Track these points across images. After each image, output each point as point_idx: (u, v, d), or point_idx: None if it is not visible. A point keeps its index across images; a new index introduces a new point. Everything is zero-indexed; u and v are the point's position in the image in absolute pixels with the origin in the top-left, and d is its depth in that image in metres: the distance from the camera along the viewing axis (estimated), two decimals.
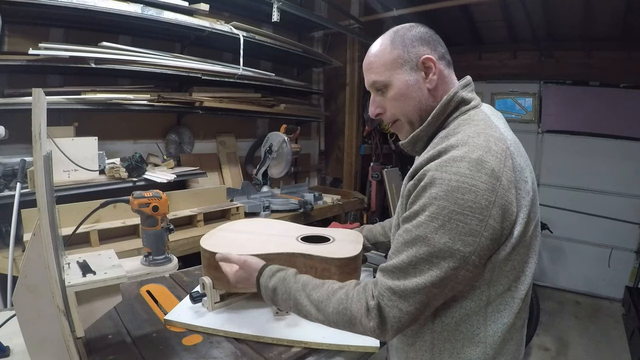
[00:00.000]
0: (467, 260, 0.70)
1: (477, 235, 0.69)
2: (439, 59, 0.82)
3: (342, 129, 3.57)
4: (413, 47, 0.82)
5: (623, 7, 3.15)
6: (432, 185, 0.71)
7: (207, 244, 1.12)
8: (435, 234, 0.70)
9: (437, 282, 0.70)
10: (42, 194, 0.68)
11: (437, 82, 0.82)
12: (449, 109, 0.81)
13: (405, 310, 0.72)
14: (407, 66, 0.82)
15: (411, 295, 0.72)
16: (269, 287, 0.89)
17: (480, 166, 0.69)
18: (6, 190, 1.55)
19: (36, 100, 0.70)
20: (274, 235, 1.28)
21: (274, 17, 2.40)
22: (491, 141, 0.73)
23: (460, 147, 0.72)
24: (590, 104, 3.80)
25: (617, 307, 3.64)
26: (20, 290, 0.75)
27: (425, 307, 0.73)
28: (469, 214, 0.69)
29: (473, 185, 0.69)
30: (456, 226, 0.69)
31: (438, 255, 0.70)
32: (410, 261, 0.72)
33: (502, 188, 0.70)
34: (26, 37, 1.79)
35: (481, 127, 0.76)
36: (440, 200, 0.70)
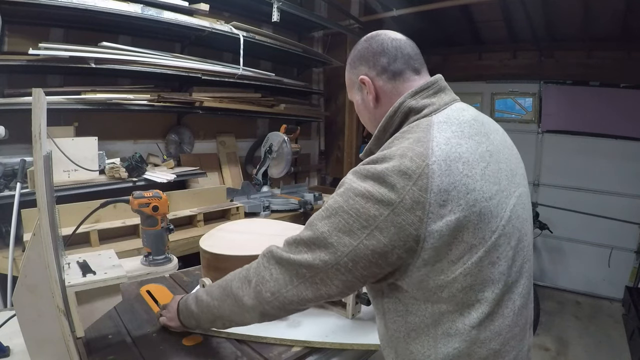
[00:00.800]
0: (339, 260, 0.70)
1: (355, 238, 0.69)
2: (377, 75, 0.81)
3: (342, 129, 3.57)
4: (355, 68, 0.85)
5: (623, 7, 3.15)
6: (341, 185, 0.75)
7: (207, 244, 1.12)
8: (320, 221, 0.73)
9: (306, 265, 0.73)
10: (42, 194, 0.68)
11: (375, 99, 0.83)
12: (396, 121, 0.79)
13: (275, 275, 0.76)
14: (355, 87, 0.86)
15: (284, 265, 0.76)
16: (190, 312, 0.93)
17: (382, 180, 0.68)
18: (6, 190, 1.55)
19: (36, 100, 0.70)
20: (273, 235, 1.29)
21: (274, 17, 2.40)
22: (407, 157, 0.68)
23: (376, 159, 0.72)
24: (590, 104, 3.80)
25: (617, 307, 3.64)
26: (20, 290, 0.75)
27: (291, 285, 0.75)
28: (353, 215, 0.69)
29: (368, 192, 0.69)
30: (338, 221, 0.71)
31: (315, 242, 0.73)
32: (295, 240, 0.76)
33: (402, 206, 0.66)
34: (26, 37, 1.79)
35: (408, 142, 0.71)
36: (336, 196, 0.74)
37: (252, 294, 0.79)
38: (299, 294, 0.75)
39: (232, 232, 1.28)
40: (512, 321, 0.74)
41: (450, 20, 3.80)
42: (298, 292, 0.75)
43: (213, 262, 1.07)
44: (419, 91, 0.78)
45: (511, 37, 3.97)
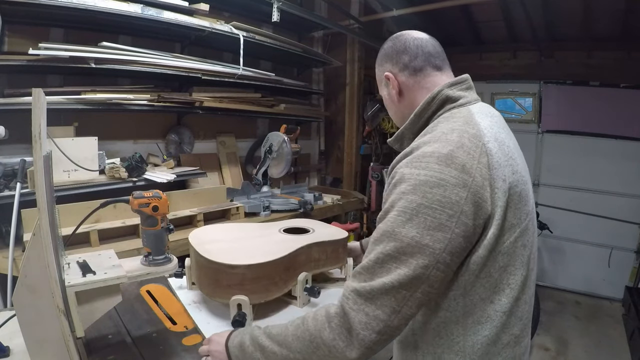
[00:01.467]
0: (438, 257, 0.67)
1: (447, 231, 0.67)
2: (400, 71, 0.87)
3: (342, 129, 3.57)
4: (381, 66, 0.92)
5: (623, 7, 3.15)
6: (402, 181, 0.71)
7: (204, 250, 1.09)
8: (403, 227, 0.68)
9: (405, 282, 0.67)
10: (42, 194, 0.68)
11: (398, 93, 0.88)
12: (433, 107, 0.82)
13: (373, 314, 0.67)
14: (382, 83, 0.92)
15: (378, 297, 0.67)
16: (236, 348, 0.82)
17: (450, 161, 0.69)
18: (6, 190, 1.55)
19: (36, 100, 0.70)
20: (264, 235, 1.30)
21: (274, 17, 2.39)
22: (465, 137, 0.72)
23: (432, 144, 0.72)
24: (590, 104, 3.80)
25: (617, 307, 3.64)
26: (20, 290, 0.75)
27: (396, 313, 0.67)
28: (437, 207, 0.67)
29: (442, 180, 0.67)
30: (424, 220, 0.67)
31: (406, 251, 0.67)
32: (377, 259, 0.69)
33: (475, 184, 0.68)
34: (26, 37, 1.79)
35: (458, 124, 0.75)
36: (408, 195, 0.69)
37: (355, 343, 0.68)
38: (405, 317, 0.69)
39: (215, 242, 1.19)
40: (529, 307, 0.79)
41: (451, 20, 3.80)
42: (404, 315, 0.69)
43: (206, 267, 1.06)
44: (455, 84, 0.83)
45: (511, 37, 3.98)
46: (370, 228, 3.86)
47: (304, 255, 1.18)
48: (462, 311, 0.73)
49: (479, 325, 0.73)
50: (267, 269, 1.05)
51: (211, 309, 1.14)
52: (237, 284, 1.02)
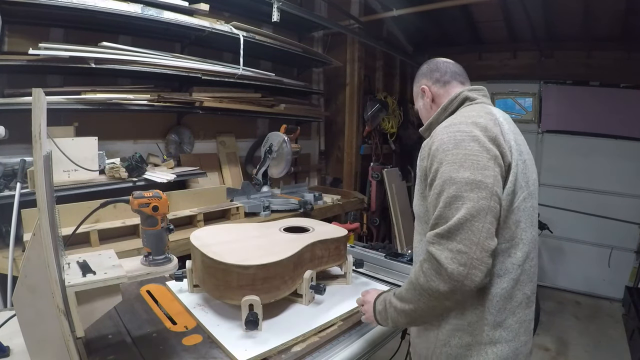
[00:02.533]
0: (492, 190, 0.81)
1: (490, 169, 0.82)
2: (433, 84, 1.10)
3: (342, 129, 3.57)
4: (417, 83, 1.14)
5: (623, 7, 3.15)
6: (442, 143, 0.87)
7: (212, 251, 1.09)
8: (458, 172, 0.82)
9: (474, 214, 0.78)
10: (42, 194, 0.68)
11: (431, 101, 1.10)
12: (455, 103, 1.02)
13: (455, 249, 0.78)
14: (419, 96, 1.15)
15: (456, 233, 0.79)
16: (380, 305, 1.00)
17: (475, 125, 0.88)
18: (6, 190, 1.55)
19: (36, 100, 0.70)
20: (265, 235, 1.31)
21: (274, 17, 2.39)
22: (481, 114, 0.92)
23: (458, 118, 0.93)
24: (590, 104, 3.80)
25: (617, 307, 3.64)
26: (20, 290, 0.75)
27: (475, 244, 0.77)
28: (478, 154, 0.83)
29: (474, 135, 0.86)
30: (472, 164, 0.82)
31: (466, 189, 0.80)
32: (445, 203, 0.82)
33: (497, 139, 0.87)
34: (26, 37, 1.79)
35: (475, 110, 0.95)
36: (452, 150, 0.85)
37: (445, 278, 0.79)
38: (485, 248, 0.78)
39: (221, 243, 1.20)
40: (536, 268, 0.94)
41: (450, 20, 3.80)
42: (483, 246, 0.78)
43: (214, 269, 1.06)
44: (473, 89, 1.04)
45: (511, 37, 3.98)
46: (370, 228, 3.86)
47: (308, 253, 1.20)
48: None
49: (498, 277, 0.86)
50: (278, 268, 1.06)
51: (217, 310, 1.14)
52: (248, 284, 1.03)
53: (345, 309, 1.17)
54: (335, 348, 1.03)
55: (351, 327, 1.12)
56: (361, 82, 3.55)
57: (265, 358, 0.94)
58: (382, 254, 1.68)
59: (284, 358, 0.95)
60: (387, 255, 1.65)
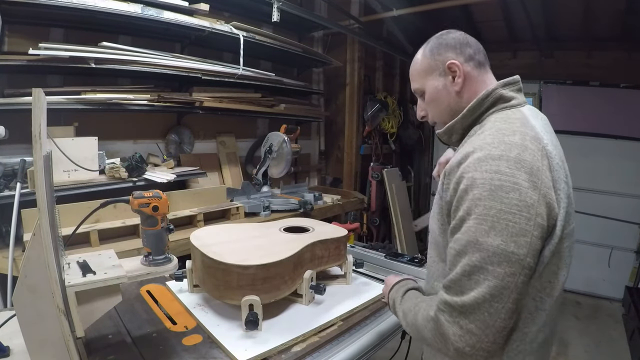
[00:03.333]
0: (523, 263, 0.66)
1: (527, 234, 0.66)
2: (465, 61, 0.85)
3: (342, 129, 3.57)
4: (439, 55, 0.87)
5: (623, 7, 3.15)
6: (474, 186, 0.69)
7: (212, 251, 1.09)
8: (487, 236, 0.66)
9: (496, 294, 0.66)
10: (42, 194, 0.68)
11: (462, 84, 0.85)
12: (486, 104, 0.83)
13: (466, 327, 0.67)
14: (435, 72, 0.87)
15: (471, 311, 0.67)
16: (391, 300, 0.98)
17: (519, 164, 0.69)
18: (6, 190, 1.55)
19: (36, 100, 0.70)
20: (266, 235, 1.31)
21: (274, 17, 2.39)
22: (527, 139, 0.73)
23: (497, 146, 0.71)
24: (591, 104, 3.80)
25: (617, 307, 3.64)
26: (20, 290, 0.75)
27: (489, 328, 0.67)
28: (516, 212, 0.66)
29: (516, 184, 0.67)
30: (506, 226, 0.66)
31: (493, 261, 0.66)
32: (464, 272, 0.68)
33: (544, 186, 0.69)
34: (26, 37, 1.79)
35: (517, 126, 0.75)
36: (485, 201, 0.68)
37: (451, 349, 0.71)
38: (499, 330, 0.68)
39: (221, 243, 1.20)
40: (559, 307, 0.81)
41: (451, 20, 3.79)
42: (497, 328, 0.68)
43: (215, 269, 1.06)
44: (508, 84, 0.85)
45: (511, 37, 3.98)
46: (370, 228, 3.87)
47: (309, 253, 1.19)
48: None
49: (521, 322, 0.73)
50: (279, 268, 1.06)
51: (217, 310, 1.14)
52: (248, 284, 1.02)
53: (345, 309, 1.17)
54: (335, 348, 1.03)
55: (351, 327, 1.12)
56: (361, 82, 3.55)
57: (265, 358, 0.94)
58: (382, 254, 1.68)
59: (284, 358, 0.95)
60: (387, 255, 1.65)
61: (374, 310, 1.22)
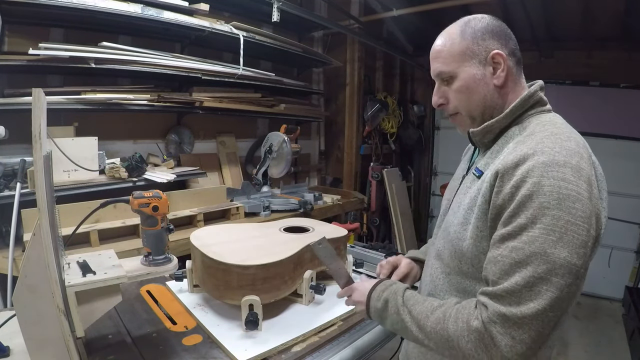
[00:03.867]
0: (579, 274, 0.65)
1: (586, 246, 0.65)
2: (509, 55, 0.79)
3: (342, 129, 3.57)
4: (483, 41, 0.79)
5: (623, 8, 3.15)
6: (539, 193, 0.66)
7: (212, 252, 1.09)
8: (555, 248, 0.64)
9: (555, 305, 0.64)
10: (42, 194, 0.68)
11: (504, 79, 0.79)
12: (527, 106, 0.79)
13: (519, 338, 0.65)
14: (475, 59, 0.80)
15: (527, 323, 0.65)
16: (380, 303, 0.86)
17: (579, 173, 0.67)
18: (6, 190, 1.55)
19: (36, 100, 0.70)
20: (266, 235, 1.31)
21: (274, 17, 2.39)
22: (581, 147, 0.71)
23: (559, 151, 0.68)
24: (591, 104, 3.80)
25: (617, 307, 3.64)
26: (20, 290, 0.75)
27: (542, 336, 0.66)
28: (581, 224, 0.65)
29: (579, 194, 0.65)
30: (572, 238, 0.64)
31: (557, 273, 0.64)
32: (527, 283, 0.65)
33: (595, 197, 0.68)
34: (26, 37, 1.79)
35: (568, 131, 0.74)
36: (553, 210, 0.64)
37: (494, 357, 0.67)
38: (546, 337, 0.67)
39: (220, 243, 1.20)
40: None
41: (451, 20, 3.77)
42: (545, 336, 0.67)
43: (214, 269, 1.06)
44: (542, 88, 0.83)
45: None
46: (370, 228, 3.87)
47: (308, 253, 1.19)
48: None
49: (554, 330, 0.71)
50: (279, 268, 1.06)
51: (217, 310, 1.14)
52: (248, 284, 1.03)
53: (345, 309, 1.17)
54: (335, 348, 1.03)
55: (351, 327, 1.12)
56: (361, 82, 3.55)
57: (265, 358, 0.94)
58: (382, 254, 1.68)
59: (284, 358, 0.95)
60: (387, 255, 1.65)
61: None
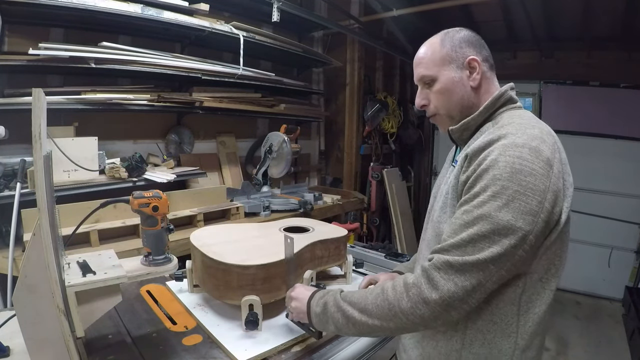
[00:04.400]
0: (526, 239, 0.74)
1: (535, 215, 0.74)
2: (482, 61, 0.91)
3: (342, 129, 3.57)
4: (461, 48, 0.91)
5: (623, 7, 3.15)
6: (494, 167, 0.76)
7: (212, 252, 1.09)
8: (499, 211, 0.73)
9: (496, 259, 0.73)
10: (42, 194, 0.68)
11: (479, 82, 0.91)
12: (499, 104, 0.90)
13: (461, 284, 0.74)
14: (453, 64, 0.91)
15: (469, 270, 0.74)
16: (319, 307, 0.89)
17: (538, 154, 0.76)
18: (6, 190, 1.55)
19: (36, 100, 0.70)
20: (265, 235, 1.31)
21: (274, 17, 2.39)
22: (544, 133, 0.81)
23: (520, 135, 0.78)
24: (590, 104, 3.80)
25: (617, 307, 3.64)
26: (20, 290, 0.75)
27: (480, 286, 0.74)
28: (530, 194, 0.74)
29: (533, 170, 0.75)
30: (519, 205, 0.73)
31: (500, 232, 0.73)
32: (471, 239, 0.74)
33: (554, 176, 0.77)
34: (26, 37, 1.79)
35: (533, 122, 0.84)
36: (504, 181, 0.74)
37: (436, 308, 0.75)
38: (486, 291, 0.76)
39: (220, 243, 1.19)
40: None
41: (451, 20, 3.79)
42: (486, 289, 0.75)
43: (214, 269, 1.06)
44: (512, 88, 0.94)
45: (511, 37, 3.97)
46: (370, 228, 3.86)
47: (308, 253, 1.19)
48: (521, 290, 0.81)
49: (531, 303, 0.81)
50: (279, 268, 1.06)
51: (217, 310, 1.14)
52: (248, 284, 1.03)
53: None
54: (335, 348, 1.03)
55: None
56: (361, 82, 3.55)
57: (265, 358, 0.94)
58: (382, 254, 1.68)
59: (284, 358, 0.95)
60: (387, 255, 1.65)
61: None
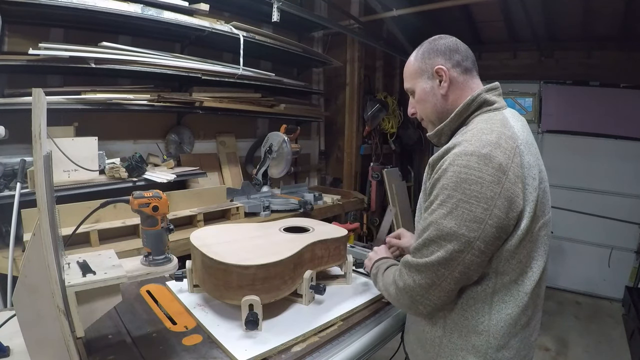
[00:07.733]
0: (472, 245, 0.78)
1: (481, 222, 0.78)
2: (452, 67, 0.93)
3: (342, 129, 3.57)
4: (429, 59, 0.96)
5: (623, 7, 3.15)
6: (444, 176, 0.81)
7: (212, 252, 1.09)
8: (444, 219, 0.80)
9: (442, 262, 0.81)
10: (42, 194, 0.68)
11: (448, 89, 0.94)
12: (472, 108, 0.91)
13: (418, 282, 0.85)
14: (424, 75, 0.97)
15: (423, 270, 0.84)
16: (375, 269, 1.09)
17: (488, 160, 0.78)
18: (6, 190, 1.55)
19: (36, 100, 0.70)
20: (265, 235, 1.31)
21: (274, 17, 2.39)
22: (502, 138, 0.82)
23: (473, 142, 0.81)
24: (590, 104, 3.80)
25: (617, 307, 3.64)
26: (20, 290, 0.75)
27: (435, 285, 0.83)
28: (474, 202, 0.77)
29: (480, 178, 0.77)
30: (462, 213, 0.78)
31: (445, 238, 0.80)
32: (425, 243, 0.84)
33: (509, 181, 0.78)
34: (26, 37, 1.79)
35: (496, 126, 0.85)
36: (449, 190, 0.80)
37: (406, 298, 0.89)
38: (445, 290, 0.84)
39: (220, 243, 1.19)
40: (542, 291, 0.92)
41: (451, 20, 3.80)
42: (443, 288, 0.83)
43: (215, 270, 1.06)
44: (491, 89, 0.94)
45: (511, 37, 3.98)
46: (370, 228, 3.86)
47: (308, 253, 1.19)
48: (491, 290, 0.85)
49: (503, 303, 0.85)
50: (278, 268, 1.06)
51: (217, 310, 1.14)
52: (248, 284, 1.02)
53: (345, 309, 1.17)
54: (335, 348, 1.03)
55: (351, 327, 1.12)
56: (361, 82, 3.55)
57: (265, 358, 0.94)
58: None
59: (284, 358, 0.95)
60: None
61: (374, 311, 1.21)
